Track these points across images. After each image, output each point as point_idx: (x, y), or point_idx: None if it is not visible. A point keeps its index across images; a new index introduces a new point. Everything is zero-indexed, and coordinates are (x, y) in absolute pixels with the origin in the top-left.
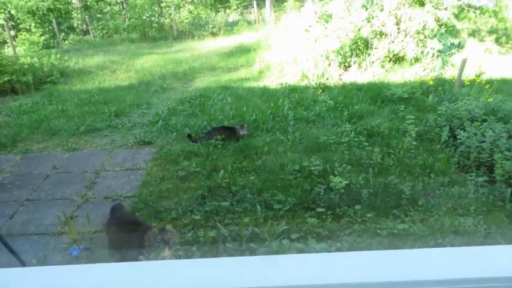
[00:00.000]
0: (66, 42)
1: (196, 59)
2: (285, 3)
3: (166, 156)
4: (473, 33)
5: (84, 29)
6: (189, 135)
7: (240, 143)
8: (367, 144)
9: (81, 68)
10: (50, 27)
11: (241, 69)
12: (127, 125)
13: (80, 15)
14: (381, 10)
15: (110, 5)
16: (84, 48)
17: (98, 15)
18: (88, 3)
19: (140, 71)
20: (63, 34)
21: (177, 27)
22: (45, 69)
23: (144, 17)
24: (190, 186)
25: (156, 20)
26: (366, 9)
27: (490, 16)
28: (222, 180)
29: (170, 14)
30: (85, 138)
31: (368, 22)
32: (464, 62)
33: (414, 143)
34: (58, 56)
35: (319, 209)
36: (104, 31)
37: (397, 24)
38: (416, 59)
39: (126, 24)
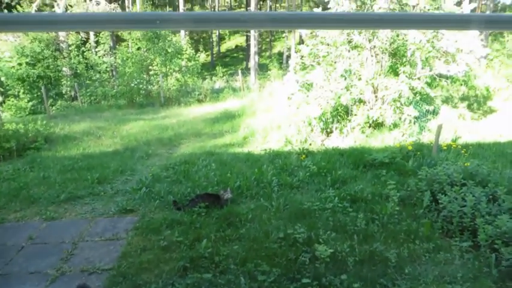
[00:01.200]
0: (54, 108)
1: (182, 125)
2: (268, 72)
3: (148, 225)
4: (446, 100)
5: (73, 95)
6: (174, 202)
7: (224, 210)
8: (351, 210)
9: (66, 133)
10: (39, 93)
11: (226, 135)
12: (109, 192)
13: (69, 82)
14: (359, 79)
15: (99, 72)
16: (71, 114)
17: (87, 82)
18: (78, 71)
19: (126, 137)
20: (51, 100)
21: (164, 94)
22: (30, 135)
23: (133, 84)
24: (172, 256)
25: (144, 87)
26: (345, 78)
27: (461, 84)
28: (205, 250)
29: (158, 82)
30: (65, 207)
31: (347, 90)
32: (440, 127)
33: (397, 208)
34: (44, 122)
35: (305, 280)
36: (92, 98)
37: (375, 92)
38: (395, 125)
39: (115, 91)
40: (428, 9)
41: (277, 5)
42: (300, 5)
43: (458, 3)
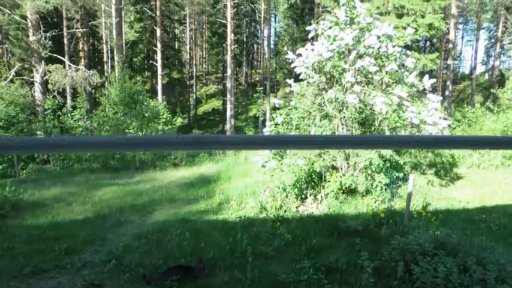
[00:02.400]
0: (25, 171)
1: (157, 190)
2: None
3: None
4: (415, 167)
5: (45, 158)
6: (144, 276)
7: (197, 283)
8: (326, 282)
9: (35, 200)
10: (10, 156)
11: (201, 201)
12: (77, 264)
13: None
14: None
15: (74, 136)
16: (42, 178)
17: None
18: (53, 135)
19: (98, 203)
20: (22, 163)
21: (139, 157)
22: None
23: None
24: None
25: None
26: None
27: (427, 151)
28: None
29: None
30: (28, 281)
31: (320, 157)
32: (409, 195)
33: (372, 279)
34: (13, 187)
35: None
36: (65, 161)
37: (347, 159)
38: (368, 191)
39: (88, 154)
40: (392, 83)
41: (253, 71)
42: (274, 72)
43: (420, 78)
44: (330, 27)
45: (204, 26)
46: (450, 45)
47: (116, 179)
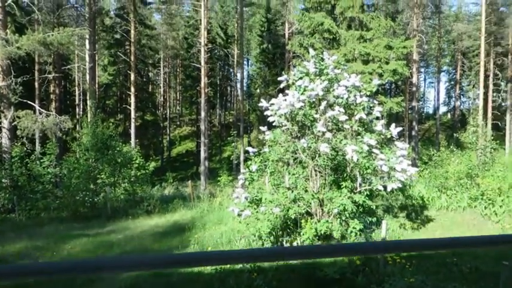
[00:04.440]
0: None
1: (129, 240)
2: (218, 178)
3: None
4: (387, 210)
5: (10, 207)
6: None
7: None
8: None
9: None
10: None
11: (175, 252)
12: None
13: (7, 195)
14: (305, 191)
15: (42, 183)
16: (7, 229)
17: (29, 195)
18: (19, 183)
19: (66, 258)
20: None
21: (111, 205)
22: None
23: (78, 197)
24: None
25: (90, 199)
26: (292, 191)
27: (398, 194)
28: None
29: (105, 192)
30: None
31: (295, 203)
32: (383, 240)
33: None
34: None
35: None
36: (32, 211)
37: (321, 205)
38: (343, 237)
39: (58, 202)
40: (361, 130)
41: (226, 113)
42: (247, 113)
43: (387, 126)
44: (301, 78)
45: (178, 69)
46: (414, 88)
47: (87, 229)
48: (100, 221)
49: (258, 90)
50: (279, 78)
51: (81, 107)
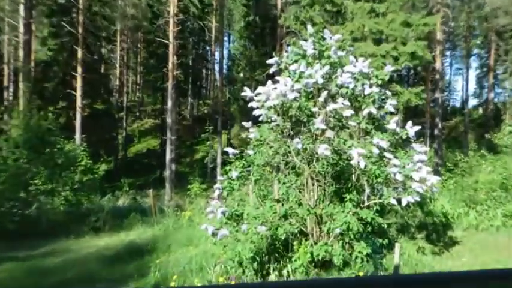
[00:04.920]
0: None
1: (71, 266)
2: (189, 186)
3: None
4: (402, 230)
5: None
6: None
7: None
8: None
9: None
10: None
11: (130, 282)
12: None
13: None
14: (299, 205)
15: None
16: None
17: None
18: None
19: None
20: None
21: (47, 219)
22: None
23: (3, 209)
24: None
25: (20, 211)
26: (282, 204)
27: (416, 210)
28: None
29: (40, 202)
30: None
31: (285, 220)
32: (396, 268)
33: None
34: None
35: None
36: None
37: (319, 223)
38: (346, 263)
39: None
40: (370, 129)
41: (200, 102)
42: (227, 104)
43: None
44: (296, 61)
45: (140, 46)
46: (437, 76)
47: (15, 249)
48: (32, 239)
49: (241, 75)
50: (268, 61)
51: (11, 90)
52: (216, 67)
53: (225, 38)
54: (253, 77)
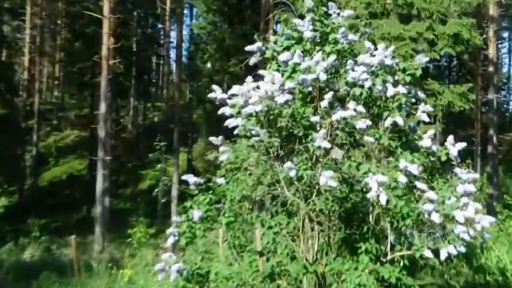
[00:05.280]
0: None
1: None
2: (130, 231)
3: None
4: None
5: None
6: None
7: None
8: None
9: None
10: None
11: None
12: None
13: None
14: (292, 258)
15: None
16: None
17: None
18: None
19: None
20: None
21: None
22: None
23: None
24: None
25: None
26: (267, 259)
27: (461, 265)
28: None
29: None
30: None
31: (272, 281)
32: None
33: None
34: None
35: None
36: None
37: (320, 286)
38: None
39: None
40: (395, 147)
41: (149, 105)
42: (188, 107)
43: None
44: (287, 47)
45: (60, 22)
46: (491, 68)
47: None
48: None
49: (208, 66)
50: (248, 47)
51: None
52: (172, 54)
53: (186, 12)
54: (226, 70)
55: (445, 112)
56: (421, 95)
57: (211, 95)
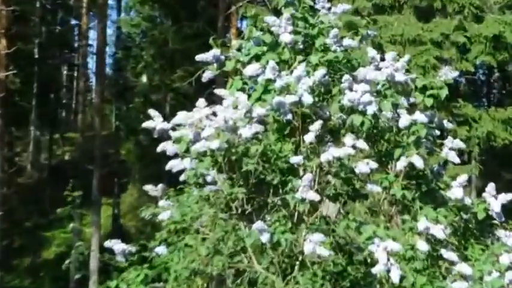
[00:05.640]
0: None
1: None
2: None
3: None
4: None
5: None
6: None
7: None
8: None
9: None
10: None
11: None
12: None
13: None
14: None
15: None
16: None
17: None
18: None
19: None
20: None
21: None
22: None
23: None
24: None
25: None
26: None
27: None
28: None
29: None
30: None
31: None
32: None
33: None
34: None
35: None
36: None
37: None
38: None
39: None
40: (412, 200)
41: (56, 137)
42: (114, 137)
43: None
44: (258, 57)
45: None
46: None
47: None
48: None
49: (143, 80)
50: (200, 56)
51: None
52: (91, 62)
53: (111, 2)
54: (168, 86)
55: (483, 147)
56: (448, 124)
57: (147, 124)
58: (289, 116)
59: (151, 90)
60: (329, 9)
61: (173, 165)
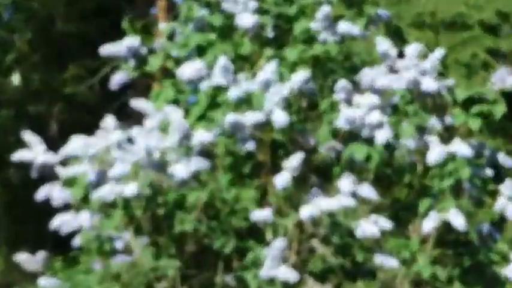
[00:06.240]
0: None
1: None
2: None
3: None
4: None
5: None
6: None
7: None
8: None
9: None
10: None
11: None
12: None
13: None
14: None
15: None
16: None
17: None
18: None
19: None
20: None
21: None
22: None
23: None
24: None
25: None
26: None
27: None
28: None
29: None
30: None
31: None
32: None
33: None
34: None
35: None
36: None
37: None
38: None
39: None
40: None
41: None
42: None
43: None
44: (202, 49)
45: None
46: None
47: None
48: None
49: (15, 82)
50: (106, 48)
51: None
52: None
53: None
54: (57, 91)
55: None
56: (506, 159)
57: (20, 155)
58: (251, 145)
59: (27, 98)
60: None
61: (63, 221)
